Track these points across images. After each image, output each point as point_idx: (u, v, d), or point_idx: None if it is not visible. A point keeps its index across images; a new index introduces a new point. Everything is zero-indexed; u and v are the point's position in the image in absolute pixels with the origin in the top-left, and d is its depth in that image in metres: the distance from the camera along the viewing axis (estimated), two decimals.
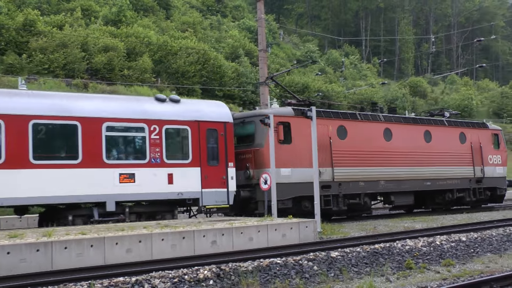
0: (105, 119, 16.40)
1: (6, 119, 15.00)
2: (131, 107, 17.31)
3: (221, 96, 45.61)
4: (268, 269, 10.76)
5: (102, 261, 11.14)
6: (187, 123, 17.88)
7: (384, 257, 12.36)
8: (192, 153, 17.83)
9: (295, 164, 20.03)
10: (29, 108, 15.55)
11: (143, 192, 16.84)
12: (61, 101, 16.44)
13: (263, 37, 26.69)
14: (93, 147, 16.14)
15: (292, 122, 20.26)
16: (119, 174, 16.47)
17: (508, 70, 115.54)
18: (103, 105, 16.89)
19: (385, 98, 64.63)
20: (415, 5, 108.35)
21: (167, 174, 17.24)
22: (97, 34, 42.68)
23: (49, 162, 15.53)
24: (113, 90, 36.21)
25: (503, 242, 14.94)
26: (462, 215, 23.82)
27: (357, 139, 22.25)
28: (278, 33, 77.66)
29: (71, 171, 15.74)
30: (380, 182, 22.84)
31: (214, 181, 17.92)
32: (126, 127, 16.86)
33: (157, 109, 17.59)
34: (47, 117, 15.68)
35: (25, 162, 15.11)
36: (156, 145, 17.17)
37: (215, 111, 18.78)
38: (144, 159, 16.98)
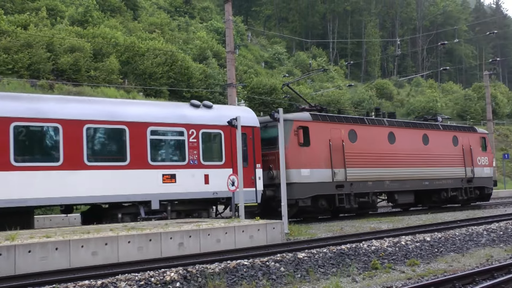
0: (150, 123, 17.52)
1: (63, 124, 16.06)
2: (172, 112, 18.56)
3: (188, 98, 45.45)
4: (235, 271, 10.77)
5: (67, 264, 10.98)
6: (221, 127, 19.13)
7: (351, 257, 12.47)
8: (225, 155, 19.25)
9: (313, 165, 21.56)
10: (83, 113, 16.62)
11: (183, 192, 18.12)
12: (110, 106, 17.67)
13: (231, 38, 26.70)
14: (139, 150, 17.32)
15: (310, 126, 21.87)
16: (162, 175, 17.69)
17: (471, 73, 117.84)
18: (147, 110, 17.99)
19: (352, 100, 65.27)
20: (381, 9, 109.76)
21: (203, 174, 18.58)
22: (63, 34, 42.11)
23: (101, 164, 16.61)
24: (79, 91, 35.76)
25: (465, 241, 15.22)
26: (427, 215, 24.20)
27: (365, 142, 23.86)
28: (246, 34, 77.82)
29: (120, 172, 16.81)
30: (386, 182, 24.55)
31: (244, 181, 18.54)
32: (168, 131, 18.12)
33: (193, 114, 18.81)
34: (99, 122, 16.77)
35: (80, 164, 16.16)
36: (194, 148, 18.51)
37: (244, 117, 19.53)
38: (184, 161, 18.28)
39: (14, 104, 15.67)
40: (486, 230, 16.87)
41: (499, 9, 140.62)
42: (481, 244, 15.08)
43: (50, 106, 16.34)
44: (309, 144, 21.62)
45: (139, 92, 42.91)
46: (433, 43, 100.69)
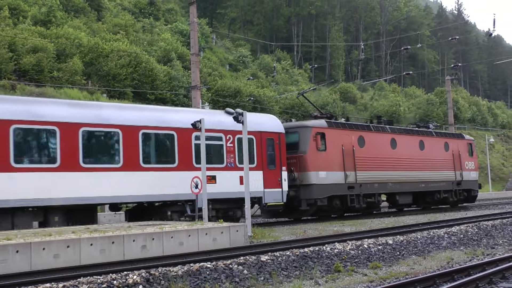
0: (194, 129, 18.44)
1: (123, 129, 17.52)
2: (211, 119, 19.80)
3: (152, 100, 45.14)
4: (198, 274, 10.73)
5: (28, 267, 10.79)
6: (253, 133, 20.68)
7: (314, 260, 12.55)
8: (257, 158, 20.94)
9: (329, 168, 23.53)
10: (139, 119, 18.13)
11: (222, 191, 19.67)
12: (161, 113, 19.30)
13: (196, 41, 26.63)
14: (186, 153, 18.89)
15: (326, 133, 23.87)
16: (211, 177, 19.26)
17: (433, 77, 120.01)
18: (191, 117, 18.87)
19: (316, 103, 65.73)
20: (346, 13, 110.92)
21: (239, 176, 19.95)
22: (26, 34, 41.34)
23: (154, 165, 18.20)
24: (42, 92, 35.17)
25: (427, 244, 15.47)
26: (390, 218, 24.50)
27: (372, 147, 25.90)
28: (211, 37, 77.71)
29: (170, 173, 18.44)
30: (389, 184, 26.58)
31: (272, 182, 21.12)
32: (209, 137, 19.26)
33: (229, 121, 19.55)
34: (152, 128, 18.30)
35: (137, 166, 17.63)
36: (231, 152, 20.18)
37: (271, 123, 22.05)
38: (222, 164, 19.93)
39: (82, 111, 17.13)
40: (447, 233, 17.18)
41: (460, 16, 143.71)
42: (442, 247, 15.34)
43: (110, 113, 17.83)
44: (325, 148, 23.60)
45: (103, 94, 42.42)
46: (396, 48, 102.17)
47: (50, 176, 15.98)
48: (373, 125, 27.53)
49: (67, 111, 16.87)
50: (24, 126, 15.72)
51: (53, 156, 16.13)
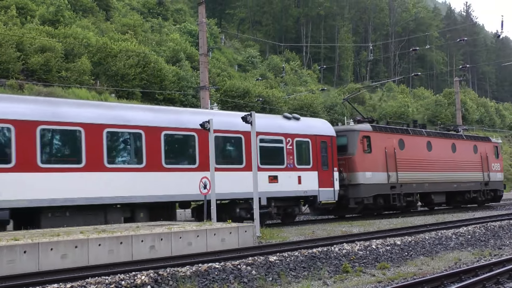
0: (260, 133, 20.01)
1: (198, 133, 18.82)
2: (273, 123, 21.68)
3: (161, 100, 45.22)
4: (206, 274, 10.73)
5: (36, 267, 10.81)
6: (309, 136, 22.52)
7: (322, 261, 12.53)
8: (312, 160, 22.45)
9: (374, 169, 25.13)
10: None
11: (283, 190, 21.23)
12: (231, 118, 20.67)
13: (204, 41, 26.66)
14: (233, 154, 20.36)
15: (371, 136, 25.46)
16: (268, 176, 20.70)
17: (441, 79, 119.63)
18: (257, 122, 19.74)
19: (324, 104, 65.64)
20: (355, 14, 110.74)
21: (297, 176, 21.73)
22: (34, 33, 41.49)
23: (227, 166, 19.87)
24: (50, 91, 35.29)
25: (435, 245, 15.42)
26: (398, 219, 24.46)
27: (410, 150, 27.57)
28: (220, 37, 77.74)
29: (239, 173, 19.93)
30: (425, 184, 28.16)
31: (326, 182, 22.71)
32: (272, 140, 21.16)
33: (287, 125, 22.01)
34: (223, 131, 19.80)
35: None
36: (290, 154, 21.65)
37: (324, 127, 23.75)
38: (283, 165, 21.39)
39: (164, 116, 18.57)
40: (454, 234, 17.12)
41: (469, 17, 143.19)
42: (450, 248, 15.29)
43: (188, 118, 19.34)
44: (370, 151, 25.23)
45: (111, 94, 42.53)
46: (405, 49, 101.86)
47: (137, 175, 17.46)
48: (411, 128, 29.60)
49: (151, 116, 18.40)
50: (114, 130, 17.12)
51: (140, 157, 17.63)
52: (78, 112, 16.73)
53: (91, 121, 16.71)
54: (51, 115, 16.13)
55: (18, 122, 15.38)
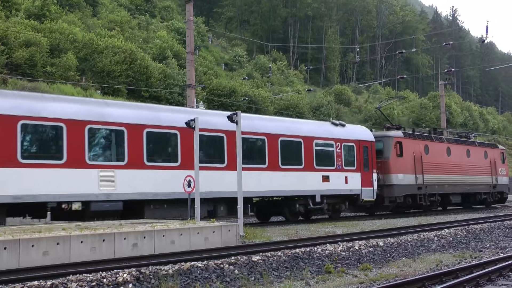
0: (315, 137, 23.26)
1: (268, 137, 21.57)
2: (325, 129, 24.43)
3: (147, 97, 45.04)
4: (189, 273, 10.70)
5: (16, 264, 10.70)
6: (353, 141, 25.13)
7: (305, 261, 12.55)
8: (356, 162, 25.00)
9: (405, 171, 27.76)
10: (278, 129, 22.08)
11: (333, 189, 23.80)
12: (293, 124, 23.80)
13: (192, 39, 26.60)
14: (309, 157, 22.97)
15: (403, 142, 28.09)
16: (321, 176, 23.28)
17: (427, 82, 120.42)
18: (312, 127, 24.05)
19: (310, 105, 65.80)
20: (342, 15, 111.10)
21: (344, 176, 24.33)
22: (18, 27, 41.13)
23: (288, 166, 22.13)
24: (34, 86, 35.01)
25: (417, 246, 15.52)
26: (381, 220, 24.59)
27: (434, 155, 30.16)
28: (207, 36, 77.61)
29: (299, 173, 22.43)
30: (445, 185, 30.83)
31: (367, 182, 25.30)
32: (324, 144, 23.75)
33: (335, 130, 24.70)
34: (288, 136, 22.36)
35: (277, 166, 21.73)
36: (339, 156, 24.24)
37: (365, 133, 26.47)
38: (333, 166, 23.97)
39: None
40: (436, 236, 17.24)
41: (455, 21, 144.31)
42: (432, 250, 15.40)
43: (260, 123, 21.86)
44: (402, 155, 27.83)
45: (97, 90, 42.30)
46: (391, 52, 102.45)
47: (220, 173, 19.87)
48: (434, 135, 32.31)
49: None
50: (206, 134, 19.52)
51: (222, 157, 20.13)
52: (173, 116, 19.39)
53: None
54: (153, 119, 18.61)
55: (129, 126, 17.62)
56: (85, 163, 16.50)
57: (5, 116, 15.28)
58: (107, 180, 16.96)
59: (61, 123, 16.15)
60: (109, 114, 17.45)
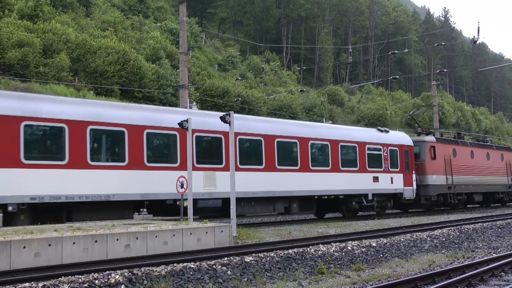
0: (367, 143, 26.32)
1: (331, 143, 24.41)
2: (374, 135, 27.57)
3: (140, 98, 44.95)
4: (181, 274, 10.68)
5: (8, 266, 10.65)
6: (397, 146, 28.14)
7: (297, 262, 12.55)
8: (399, 164, 27.98)
9: (438, 173, 30.82)
10: (339, 135, 25.18)
11: (381, 188, 26.83)
12: (349, 132, 26.73)
13: (185, 40, 26.55)
14: (363, 160, 25.98)
15: (436, 146, 31.19)
16: (372, 177, 26.32)
17: (420, 82, 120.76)
18: (363, 133, 27.28)
19: (303, 105, 65.82)
20: (335, 16, 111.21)
21: (390, 177, 27.32)
22: (11, 28, 40.96)
23: (346, 168, 25.00)
24: (27, 87, 34.87)
25: (409, 247, 15.55)
26: (374, 221, 24.62)
27: (460, 157, 33.18)
28: (200, 36, 77.54)
29: (354, 174, 25.36)
30: (470, 185, 33.67)
31: (408, 182, 28.29)
32: (375, 148, 26.84)
33: (382, 136, 27.82)
34: (345, 141, 25.23)
35: (338, 168, 24.73)
36: (385, 159, 27.26)
37: (406, 139, 29.53)
38: (381, 168, 26.91)
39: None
40: (429, 237, 17.28)
41: (447, 22, 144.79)
42: (424, 250, 15.43)
43: (325, 131, 24.92)
44: (435, 158, 30.86)
45: (90, 91, 42.18)
46: (384, 52, 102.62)
47: (294, 175, 22.60)
48: (460, 140, 35.41)
49: (301, 127, 24.14)
50: (282, 140, 22.45)
51: (296, 160, 22.80)
52: (259, 126, 22.06)
53: (267, 132, 22.06)
54: (245, 128, 21.06)
55: (225, 134, 19.25)
56: (194, 166, 18.93)
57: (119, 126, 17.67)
58: (209, 180, 19.68)
59: (174, 132, 18.77)
60: (212, 123, 19.87)
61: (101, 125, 17.11)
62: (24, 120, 15.54)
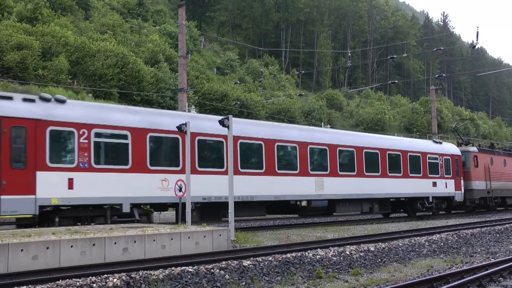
0: (427, 153, 30.48)
1: (380, 151, 27.33)
2: (432, 146, 31.61)
3: (139, 101, 44.95)
4: (179, 278, 10.66)
5: (5, 269, 10.62)
6: (449, 155, 32.16)
7: (296, 266, 12.53)
8: (452, 171, 32.08)
9: (479, 179, 34.71)
10: (403, 145, 29.06)
11: (439, 192, 30.86)
12: (414, 143, 31.26)
13: (184, 43, 26.57)
14: (425, 167, 29.97)
15: (478, 155, 35.13)
16: (432, 182, 30.33)
17: (418, 87, 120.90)
18: (425, 144, 31.66)
19: (302, 109, 65.84)
20: (334, 20, 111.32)
21: (445, 182, 31.29)
22: (10, 30, 40.97)
23: (413, 174, 29.08)
24: (26, 89, 34.86)
25: (408, 252, 15.53)
26: (372, 225, 24.60)
27: (496, 165, 37.02)
28: (199, 40, 77.59)
29: (418, 180, 29.37)
30: (504, 190, 37.67)
31: (458, 187, 32.26)
32: (433, 157, 30.79)
33: (438, 147, 31.95)
34: (395, 150, 28.30)
35: (406, 174, 28.78)
36: (441, 167, 31.21)
37: (455, 149, 33.49)
38: (438, 174, 30.80)
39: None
40: (427, 241, 17.27)
41: (446, 27, 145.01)
42: (423, 255, 15.41)
43: (397, 141, 29.43)
44: (477, 166, 34.84)
45: (88, 94, 42.16)
46: (383, 56, 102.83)
47: (376, 180, 26.69)
48: (495, 150, 39.63)
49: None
50: (369, 151, 26.67)
51: (377, 167, 26.88)
52: (351, 139, 26.21)
53: (358, 144, 26.21)
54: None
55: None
56: (308, 173, 23.13)
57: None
58: (319, 185, 23.62)
59: (295, 144, 22.87)
60: (319, 137, 24.42)
61: (246, 139, 21.24)
62: (197, 136, 19.50)
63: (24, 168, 15.52)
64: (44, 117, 16.10)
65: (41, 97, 16.68)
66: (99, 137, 17.06)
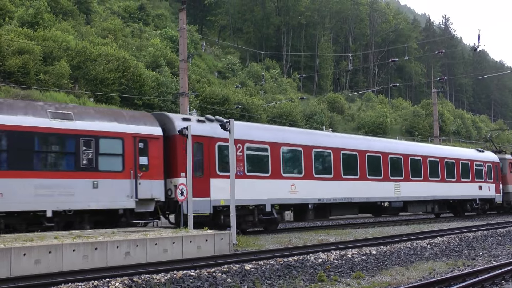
0: (474, 160, 34.85)
1: (422, 158, 30.50)
2: (477, 155, 35.88)
3: (140, 105, 44.99)
4: (181, 281, 10.67)
5: (8, 273, 10.64)
6: (490, 162, 36.26)
7: (297, 269, 12.54)
8: (493, 176, 36.08)
9: (510, 183, 38.90)
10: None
11: (483, 194, 34.99)
12: (457, 152, 34.80)
13: (185, 47, 26.62)
14: (472, 173, 34.25)
15: (505, 163, 39.21)
16: (478, 186, 34.50)
17: (420, 90, 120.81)
18: (472, 153, 35.97)
19: (303, 113, 65.84)
20: (335, 24, 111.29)
21: (488, 186, 35.51)
22: (12, 35, 41.04)
23: (464, 179, 33.35)
24: (27, 94, 34.92)
25: (410, 255, 15.53)
26: (374, 228, 24.59)
27: None
28: (200, 44, 77.65)
29: (468, 184, 33.69)
30: None
31: (498, 190, 36.62)
32: (479, 164, 35.21)
33: (481, 155, 36.08)
34: (450, 158, 33.04)
35: (458, 179, 33.09)
36: (485, 173, 35.23)
37: (495, 156, 37.69)
38: (482, 179, 35.06)
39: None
40: (429, 244, 17.26)
41: (447, 30, 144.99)
42: (425, 258, 15.41)
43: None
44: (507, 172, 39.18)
45: (90, 98, 42.23)
46: (384, 60, 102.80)
47: (437, 184, 31.01)
48: None
49: None
50: (433, 160, 31.26)
51: (438, 173, 31.28)
52: (397, 147, 29.45)
53: (424, 153, 30.73)
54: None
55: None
56: (389, 178, 27.44)
57: None
58: (397, 188, 27.72)
59: (379, 154, 27.12)
60: (394, 147, 28.92)
61: (347, 151, 25.23)
62: (314, 148, 23.64)
63: (202, 176, 19.04)
64: (214, 134, 19.56)
65: (207, 118, 20.42)
66: (249, 150, 20.77)
